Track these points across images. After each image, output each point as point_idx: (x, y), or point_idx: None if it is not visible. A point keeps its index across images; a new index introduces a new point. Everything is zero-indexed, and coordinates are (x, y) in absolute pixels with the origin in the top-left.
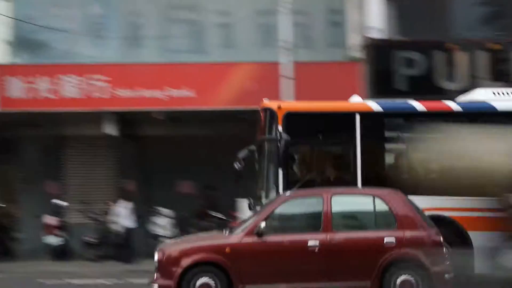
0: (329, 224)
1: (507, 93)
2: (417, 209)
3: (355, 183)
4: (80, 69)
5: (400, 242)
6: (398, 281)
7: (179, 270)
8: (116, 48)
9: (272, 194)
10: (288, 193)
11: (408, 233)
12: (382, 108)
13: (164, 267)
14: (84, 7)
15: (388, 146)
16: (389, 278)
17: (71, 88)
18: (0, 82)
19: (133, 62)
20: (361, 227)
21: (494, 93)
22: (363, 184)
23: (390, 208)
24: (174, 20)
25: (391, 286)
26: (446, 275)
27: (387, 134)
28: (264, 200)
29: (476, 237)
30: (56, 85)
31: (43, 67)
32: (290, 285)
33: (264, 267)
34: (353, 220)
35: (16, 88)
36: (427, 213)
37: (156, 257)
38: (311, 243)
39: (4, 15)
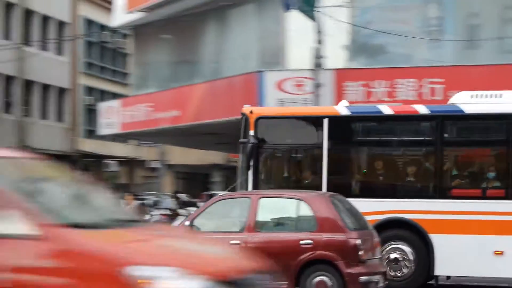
0: (253, 225)
1: (485, 96)
2: (344, 212)
3: (321, 185)
4: (418, 72)
5: (317, 244)
6: (314, 281)
7: None
8: (452, 50)
9: None
10: (221, 194)
11: (326, 236)
12: (350, 112)
13: None
14: (421, 10)
15: (354, 148)
16: (305, 279)
17: (407, 91)
18: (339, 87)
19: (468, 64)
20: (284, 228)
21: (472, 96)
22: (328, 185)
23: (312, 211)
24: (510, 21)
25: (307, 286)
26: (361, 278)
27: (354, 137)
28: None
29: (437, 239)
30: (393, 88)
31: (381, 71)
32: None
33: None
34: (276, 222)
35: (352, 91)
36: (389, 215)
37: None
38: (233, 242)
39: (342, 21)
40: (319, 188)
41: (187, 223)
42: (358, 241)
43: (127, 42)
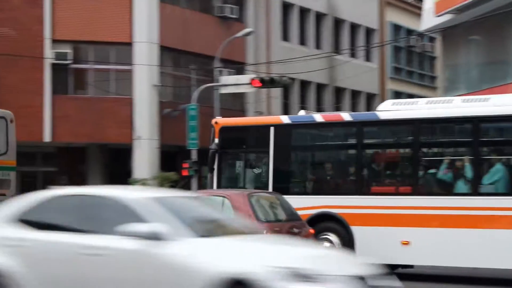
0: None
1: (404, 103)
2: (261, 207)
3: (267, 184)
4: None
5: None
6: None
7: None
8: None
9: None
10: None
11: None
12: (291, 121)
13: None
14: None
15: (294, 152)
16: None
17: None
18: None
19: None
20: None
21: (392, 104)
22: (273, 185)
23: (232, 207)
24: None
25: None
26: None
27: (294, 142)
28: None
29: (357, 230)
30: None
31: None
32: None
33: None
34: None
35: None
36: (320, 210)
37: None
38: None
39: None
40: (266, 187)
41: None
42: (264, 232)
43: (434, 45)
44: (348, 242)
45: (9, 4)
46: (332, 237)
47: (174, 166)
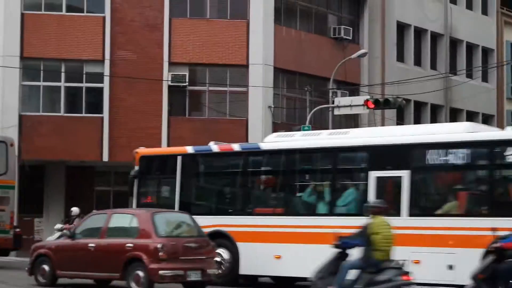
0: (104, 232)
1: (286, 135)
2: (164, 224)
3: (174, 205)
4: None
5: (135, 247)
6: (132, 273)
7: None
8: None
9: None
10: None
11: (141, 241)
12: (194, 151)
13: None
14: None
15: (195, 178)
16: (129, 272)
17: None
18: None
19: None
20: (122, 235)
21: (277, 136)
22: (180, 206)
23: (138, 223)
24: None
25: (129, 277)
26: (161, 272)
27: (195, 169)
28: None
29: (241, 246)
30: None
31: None
32: (82, 273)
33: (71, 258)
34: (119, 231)
35: None
36: (215, 228)
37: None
38: (90, 245)
39: None
40: (174, 207)
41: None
42: (159, 245)
43: None
44: (235, 256)
45: (131, 28)
46: (224, 252)
47: None
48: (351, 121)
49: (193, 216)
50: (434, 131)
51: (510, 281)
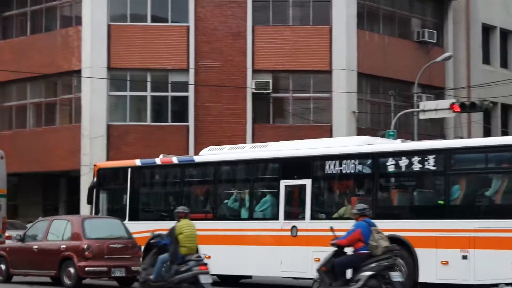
0: (45, 236)
1: (218, 149)
2: (97, 227)
3: (125, 213)
4: None
5: (67, 248)
6: (65, 270)
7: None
8: None
9: None
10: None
11: (72, 243)
12: (141, 163)
13: None
14: None
15: (142, 188)
16: (63, 269)
17: None
18: None
19: None
20: (59, 238)
21: (209, 149)
22: (129, 214)
23: (71, 228)
24: None
25: (63, 274)
26: (87, 268)
27: (142, 180)
28: None
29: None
30: None
31: None
32: (29, 271)
33: (21, 258)
34: (57, 234)
35: None
36: (156, 232)
37: None
38: (34, 247)
39: None
40: (124, 217)
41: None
42: (86, 246)
43: None
44: None
45: (214, 36)
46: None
47: None
48: (437, 125)
49: (141, 222)
50: (334, 144)
51: (345, 271)
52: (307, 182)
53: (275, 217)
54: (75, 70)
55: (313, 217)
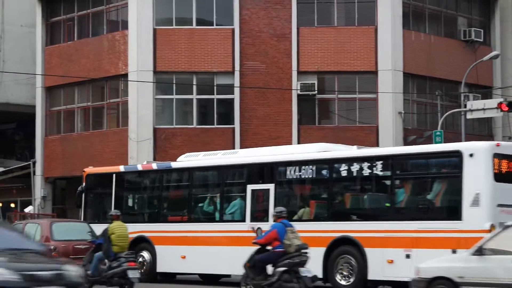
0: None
1: (193, 156)
2: (64, 230)
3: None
4: None
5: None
6: None
7: None
8: None
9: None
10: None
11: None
12: (124, 169)
13: None
14: None
15: (125, 192)
16: None
17: None
18: None
19: None
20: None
21: (185, 156)
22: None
23: (41, 230)
24: None
25: None
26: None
27: (125, 185)
28: None
29: (159, 249)
30: None
31: None
32: None
33: None
34: (29, 236)
35: None
36: (138, 234)
37: None
38: None
39: None
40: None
41: None
42: (52, 247)
43: None
44: (154, 257)
45: (259, 38)
46: (146, 254)
47: None
48: (484, 125)
49: (125, 224)
50: (293, 151)
51: (266, 267)
52: (271, 187)
53: (242, 219)
54: (122, 74)
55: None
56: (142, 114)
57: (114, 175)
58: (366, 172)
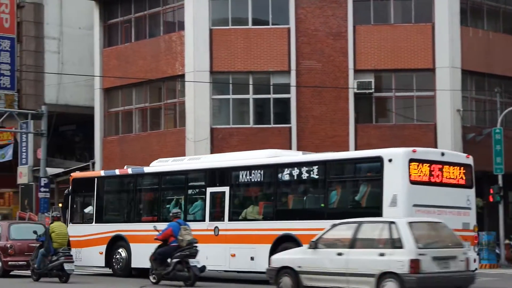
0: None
1: (165, 160)
2: (15, 230)
3: (93, 218)
4: None
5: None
6: None
7: None
8: None
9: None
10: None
11: (1, 243)
12: (104, 174)
13: None
14: None
15: (105, 195)
16: None
17: None
18: None
19: None
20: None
21: (158, 161)
22: (96, 218)
23: (1, 231)
24: None
25: None
26: (10, 262)
27: (104, 188)
28: None
29: (133, 246)
30: None
31: None
32: None
33: None
34: None
35: None
36: (115, 233)
37: None
38: None
39: None
40: (91, 220)
41: None
42: (9, 245)
43: None
44: (129, 254)
45: (315, 37)
46: (122, 251)
47: (480, 192)
48: None
49: (104, 224)
50: (246, 157)
51: (165, 259)
52: (226, 189)
53: (202, 219)
54: (179, 75)
55: (230, 219)
56: (199, 114)
57: (96, 179)
58: (305, 176)
